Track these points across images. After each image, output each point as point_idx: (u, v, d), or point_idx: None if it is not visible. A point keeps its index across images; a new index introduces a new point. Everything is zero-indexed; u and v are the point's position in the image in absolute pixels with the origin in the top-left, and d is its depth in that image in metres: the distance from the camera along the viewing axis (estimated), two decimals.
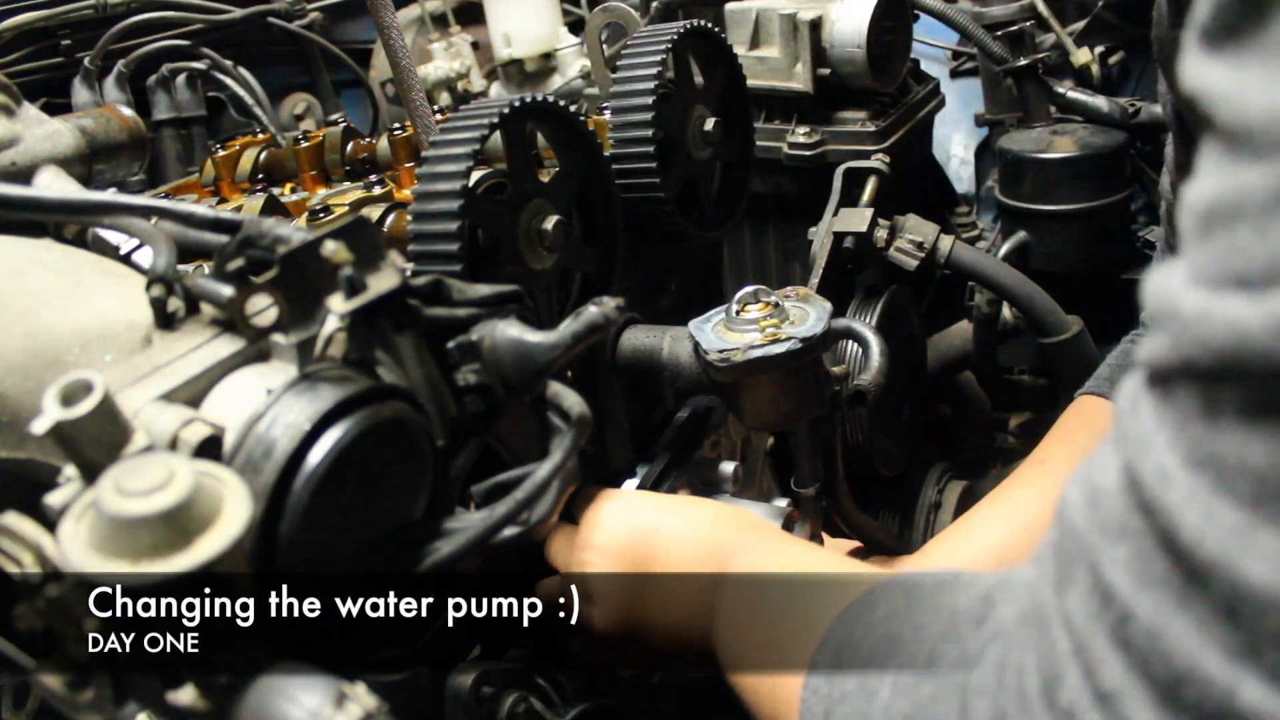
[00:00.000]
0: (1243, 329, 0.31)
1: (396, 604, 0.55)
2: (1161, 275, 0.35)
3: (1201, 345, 0.32)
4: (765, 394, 0.76)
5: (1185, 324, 0.33)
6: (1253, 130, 0.31)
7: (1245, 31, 0.32)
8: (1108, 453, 0.38)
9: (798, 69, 1.25)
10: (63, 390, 0.42)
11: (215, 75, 1.50)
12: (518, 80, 1.87)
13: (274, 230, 0.52)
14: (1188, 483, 0.33)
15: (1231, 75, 0.33)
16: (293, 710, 0.40)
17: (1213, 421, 0.32)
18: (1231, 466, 0.32)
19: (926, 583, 0.52)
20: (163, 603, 0.40)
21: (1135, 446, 0.35)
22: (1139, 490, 0.34)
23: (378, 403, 0.49)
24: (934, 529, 1.16)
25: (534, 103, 0.77)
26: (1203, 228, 0.33)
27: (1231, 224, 0.32)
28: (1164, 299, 0.34)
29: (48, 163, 0.91)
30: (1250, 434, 0.31)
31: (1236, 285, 0.31)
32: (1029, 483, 0.89)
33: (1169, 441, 0.34)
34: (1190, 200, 0.34)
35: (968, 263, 1.14)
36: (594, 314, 0.56)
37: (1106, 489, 0.36)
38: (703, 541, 0.69)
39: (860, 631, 0.51)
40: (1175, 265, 0.35)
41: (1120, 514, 0.35)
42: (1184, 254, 0.34)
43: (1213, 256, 0.32)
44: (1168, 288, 0.34)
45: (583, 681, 0.80)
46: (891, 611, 0.51)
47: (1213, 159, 0.34)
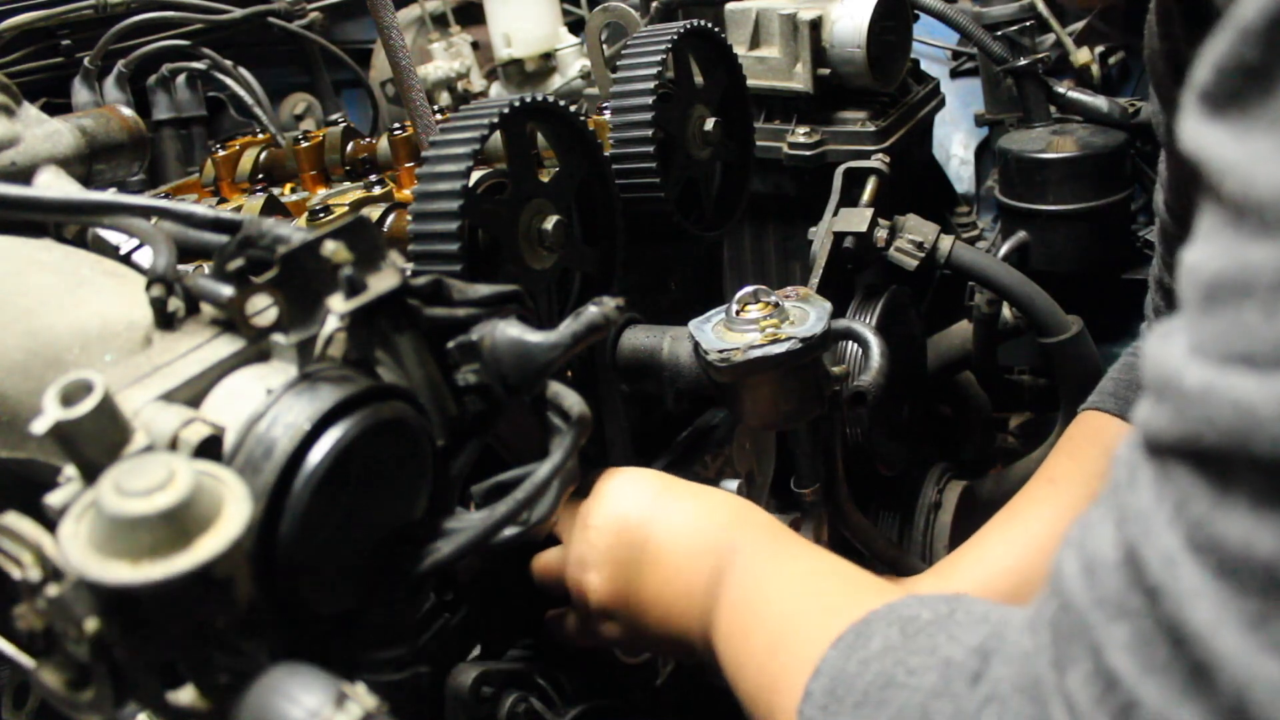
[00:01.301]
0: (1250, 409, 0.30)
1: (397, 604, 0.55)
2: (1160, 342, 0.34)
3: (1207, 423, 0.31)
4: (765, 394, 0.76)
5: (1189, 400, 0.32)
6: (1262, 206, 0.30)
7: (1251, 100, 0.31)
8: (1103, 519, 0.37)
9: (798, 69, 1.25)
10: (63, 390, 0.42)
11: (215, 75, 1.50)
12: (518, 80, 1.87)
13: (274, 230, 0.52)
14: (1194, 570, 0.32)
15: (1237, 145, 0.32)
16: (293, 710, 0.40)
17: (1217, 504, 0.32)
18: (1236, 554, 0.31)
19: (923, 615, 0.51)
20: (163, 603, 0.40)
21: (1136, 524, 0.34)
22: (1141, 572, 0.34)
23: (378, 403, 0.49)
24: (934, 529, 1.16)
25: (534, 103, 0.77)
26: (1206, 300, 0.32)
27: (1238, 301, 0.31)
28: (1165, 369, 0.34)
29: (48, 163, 0.91)
30: (1257, 521, 0.30)
31: (1243, 364, 0.31)
32: (1040, 501, 0.89)
33: (1170, 520, 0.33)
34: (1191, 267, 0.33)
35: (968, 263, 1.14)
36: (594, 314, 0.56)
37: (1104, 561, 0.36)
38: (703, 535, 0.69)
39: (855, 666, 0.50)
40: (1174, 332, 0.34)
41: (1120, 591, 0.35)
42: (1185, 322, 0.34)
43: (1217, 332, 0.32)
44: (1168, 357, 0.33)
45: (583, 681, 0.81)
46: (887, 646, 0.50)
47: (1216, 228, 0.33)
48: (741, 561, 0.66)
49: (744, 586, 0.64)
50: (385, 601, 0.54)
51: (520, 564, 0.79)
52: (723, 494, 0.74)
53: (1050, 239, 1.40)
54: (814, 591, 0.61)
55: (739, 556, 0.66)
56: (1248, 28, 0.31)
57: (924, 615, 0.51)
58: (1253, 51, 0.31)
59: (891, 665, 0.49)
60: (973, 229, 1.51)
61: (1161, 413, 0.34)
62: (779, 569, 0.64)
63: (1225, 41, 0.32)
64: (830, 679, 0.51)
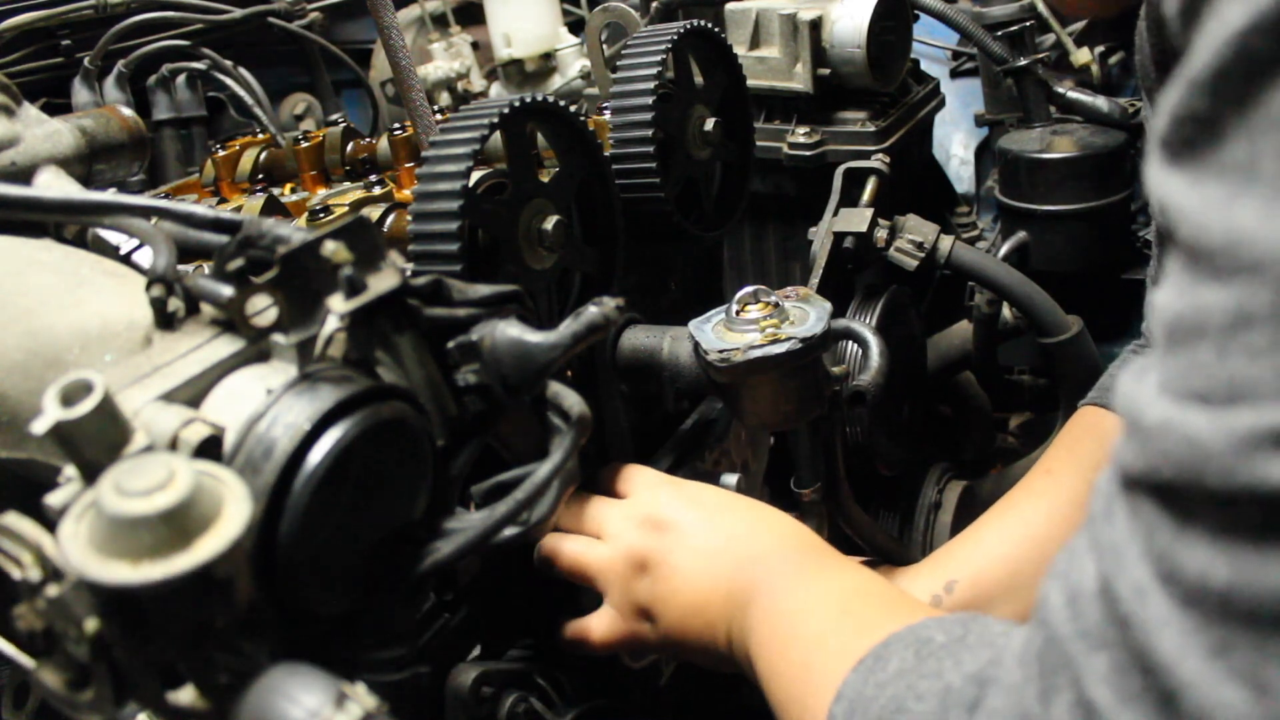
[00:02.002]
0: (1201, 444, 0.32)
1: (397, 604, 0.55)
2: (1134, 380, 0.36)
3: (1164, 457, 0.33)
4: (765, 394, 0.76)
5: (1149, 435, 0.34)
6: (1213, 252, 0.32)
7: (1203, 148, 0.33)
8: (1084, 551, 0.38)
9: (798, 69, 1.25)
10: (63, 390, 0.42)
11: (215, 75, 1.50)
12: (518, 80, 1.87)
13: (274, 230, 0.52)
14: (1161, 600, 0.33)
15: (1191, 192, 0.33)
16: (293, 710, 0.40)
17: (1178, 537, 0.33)
18: (1195, 585, 0.32)
19: (938, 639, 0.53)
20: (163, 603, 0.40)
21: (1110, 556, 0.36)
22: (1115, 604, 0.35)
23: (378, 403, 0.49)
24: (934, 529, 1.16)
25: (534, 103, 0.77)
26: (1168, 339, 0.34)
27: (1193, 341, 0.33)
28: (1133, 406, 0.35)
29: (48, 163, 0.91)
30: (1213, 553, 0.32)
31: (1198, 401, 0.32)
32: (1037, 493, 0.89)
33: (1141, 553, 0.34)
34: (1158, 308, 0.35)
35: (968, 263, 1.14)
36: (594, 314, 0.56)
37: (1084, 593, 0.37)
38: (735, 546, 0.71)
39: (872, 689, 0.53)
40: (1147, 370, 0.35)
41: (1098, 623, 0.36)
42: (1155, 360, 0.35)
43: (1177, 370, 0.33)
44: (1138, 395, 0.35)
45: (583, 681, 0.81)
46: (901, 670, 0.52)
47: (1177, 271, 0.34)
48: (775, 576, 0.67)
49: (776, 606, 0.66)
50: (385, 601, 0.54)
51: (520, 564, 0.79)
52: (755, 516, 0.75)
53: (1050, 239, 1.40)
54: (846, 611, 0.63)
55: (768, 574, 0.68)
56: (1196, 79, 0.32)
57: (938, 638, 0.53)
58: (1201, 102, 0.32)
59: (904, 690, 0.51)
60: (973, 229, 1.51)
61: (1130, 448, 0.35)
62: (812, 588, 0.66)
63: (1177, 92, 0.33)
64: (850, 702, 0.53)
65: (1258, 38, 0.31)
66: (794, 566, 0.68)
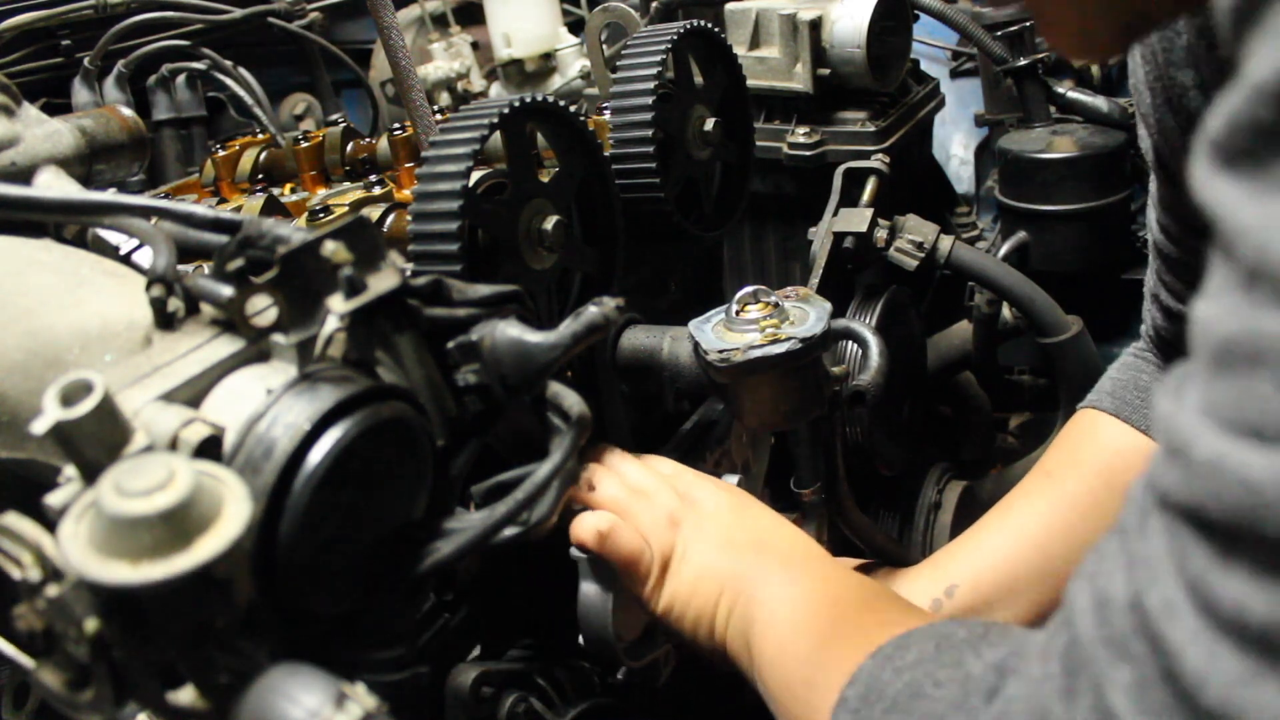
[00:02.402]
0: (1259, 489, 0.30)
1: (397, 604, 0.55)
2: (1172, 397, 0.34)
3: (1215, 498, 0.31)
4: (765, 394, 0.76)
5: (1197, 469, 0.32)
6: (1277, 275, 0.30)
7: (1268, 160, 0.31)
8: (1114, 557, 0.38)
9: (798, 69, 1.25)
10: (63, 390, 0.42)
11: (215, 75, 1.50)
12: (518, 80, 1.87)
13: (274, 230, 0.52)
14: (1192, 621, 0.32)
15: (1253, 207, 0.31)
16: (293, 710, 0.40)
17: (1216, 566, 0.32)
18: (1230, 613, 0.31)
19: (959, 634, 0.53)
20: (163, 603, 0.40)
21: (1143, 571, 0.35)
22: (1145, 618, 0.35)
23: (378, 403, 0.49)
24: (934, 529, 1.16)
25: (534, 103, 0.77)
26: (1217, 362, 0.32)
27: (1250, 369, 0.31)
28: (1177, 431, 0.33)
29: (48, 163, 0.91)
30: (1253, 588, 0.31)
31: (1253, 437, 0.30)
32: (1035, 495, 0.89)
33: (1175, 572, 0.34)
34: (1203, 322, 0.33)
35: (968, 263, 1.14)
36: (594, 314, 0.56)
37: (1113, 601, 0.37)
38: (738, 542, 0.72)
39: (889, 674, 0.53)
40: (1186, 387, 0.34)
41: (1125, 634, 0.36)
42: (1195, 377, 0.33)
43: (1228, 398, 0.31)
44: (1180, 417, 0.33)
45: (583, 681, 0.81)
46: (921, 658, 0.53)
47: (1229, 287, 0.32)
48: (783, 572, 0.68)
49: (788, 593, 0.66)
50: (385, 601, 0.54)
51: (520, 564, 0.79)
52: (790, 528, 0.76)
53: (1050, 239, 1.40)
54: (863, 607, 0.64)
55: (779, 568, 0.69)
56: (1263, 87, 0.30)
57: (960, 634, 0.53)
58: (1268, 112, 0.30)
59: (922, 676, 0.51)
60: (973, 229, 1.51)
61: (1172, 474, 0.34)
62: (829, 585, 0.67)
63: (1239, 97, 0.31)
64: (865, 686, 0.54)
65: None
66: (810, 565, 0.69)
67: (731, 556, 0.71)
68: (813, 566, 0.70)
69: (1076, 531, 0.85)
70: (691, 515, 0.74)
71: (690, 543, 0.72)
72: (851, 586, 0.68)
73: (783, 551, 0.71)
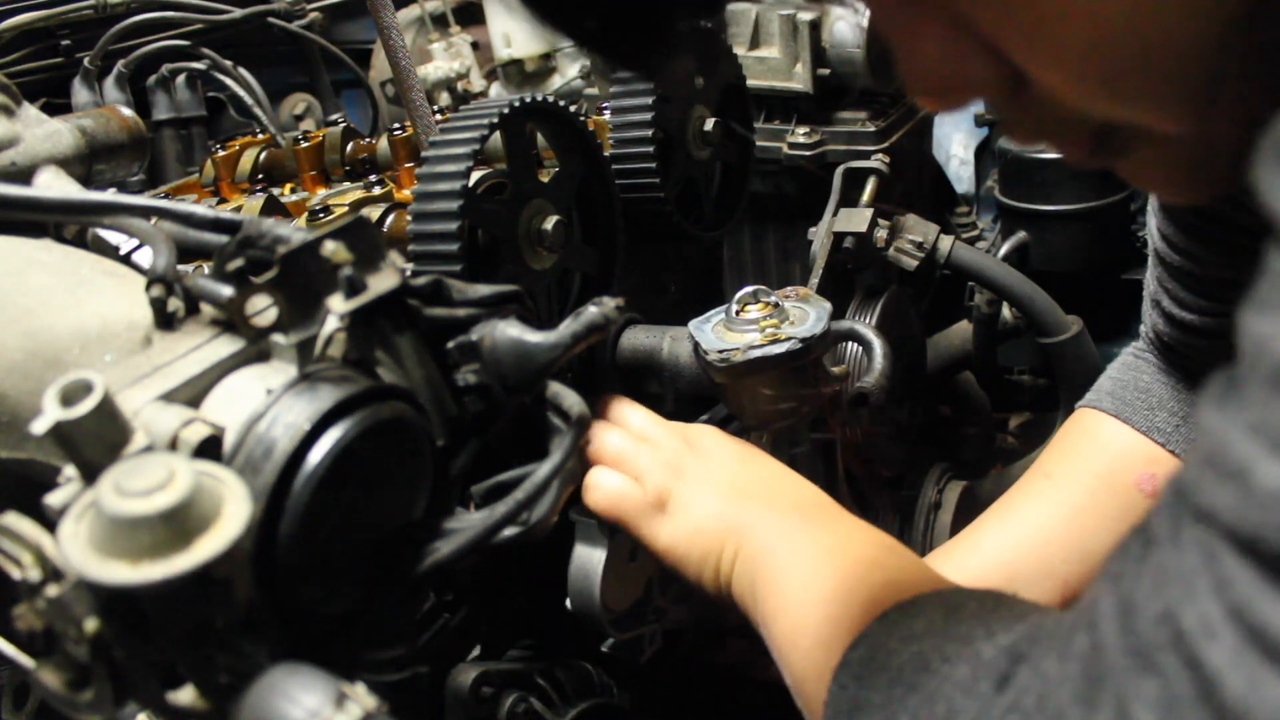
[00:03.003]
0: None
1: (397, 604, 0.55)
2: (1219, 410, 0.32)
3: (1276, 531, 0.30)
4: (765, 394, 0.76)
5: (1257, 498, 0.30)
6: None
7: None
8: (1140, 562, 0.36)
9: (798, 69, 1.25)
10: (63, 390, 0.42)
11: (215, 75, 1.50)
12: (518, 80, 1.87)
13: (274, 230, 0.52)
14: (1234, 644, 0.31)
15: None
16: (293, 710, 0.40)
17: (1264, 594, 0.30)
18: (1277, 639, 0.30)
19: (970, 605, 0.52)
20: (163, 603, 0.40)
21: (1177, 587, 0.33)
22: (1178, 635, 0.33)
23: (378, 403, 0.49)
24: (934, 529, 1.16)
25: (534, 103, 0.77)
26: (1277, 382, 0.30)
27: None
28: (1227, 448, 0.32)
29: (48, 163, 0.91)
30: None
31: None
32: (1034, 495, 0.89)
33: (1214, 589, 0.32)
34: (1259, 338, 0.31)
35: (968, 263, 1.14)
36: (594, 314, 0.56)
37: (1142, 611, 0.35)
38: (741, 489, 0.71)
39: (895, 642, 0.51)
40: (1236, 401, 0.32)
41: (1153, 647, 0.34)
42: (1249, 392, 0.31)
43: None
44: (1228, 430, 0.32)
45: (583, 681, 0.81)
46: (929, 628, 0.51)
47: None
48: (792, 521, 0.67)
49: (797, 545, 0.65)
50: (385, 601, 0.54)
51: (520, 564, 0.79)
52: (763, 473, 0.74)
53: (1050, 239, 1.40)
54: (871, 563, 0.62)
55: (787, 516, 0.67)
56: None
57: (970, 605, 0.52)
58: None
59: (930, 649, 0.49)
60: (973, 229, 1.51)
61: (1223, 495, 0.32)
62: (839, 535, 0.66)
63: None
64: (869, 649, 0.52)
65: None
66: (819, 515, 0.68)
67: (737, 504, 0.69)
68: (822, 517, 0.68)
69: (1075, 533, 0.85)
70: (696, 462, 0.72)
71: (693, 486, 0.71)
72: (859, 541, 0.66)
73: (792, 501, 0.70)
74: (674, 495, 0.71)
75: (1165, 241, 0.82)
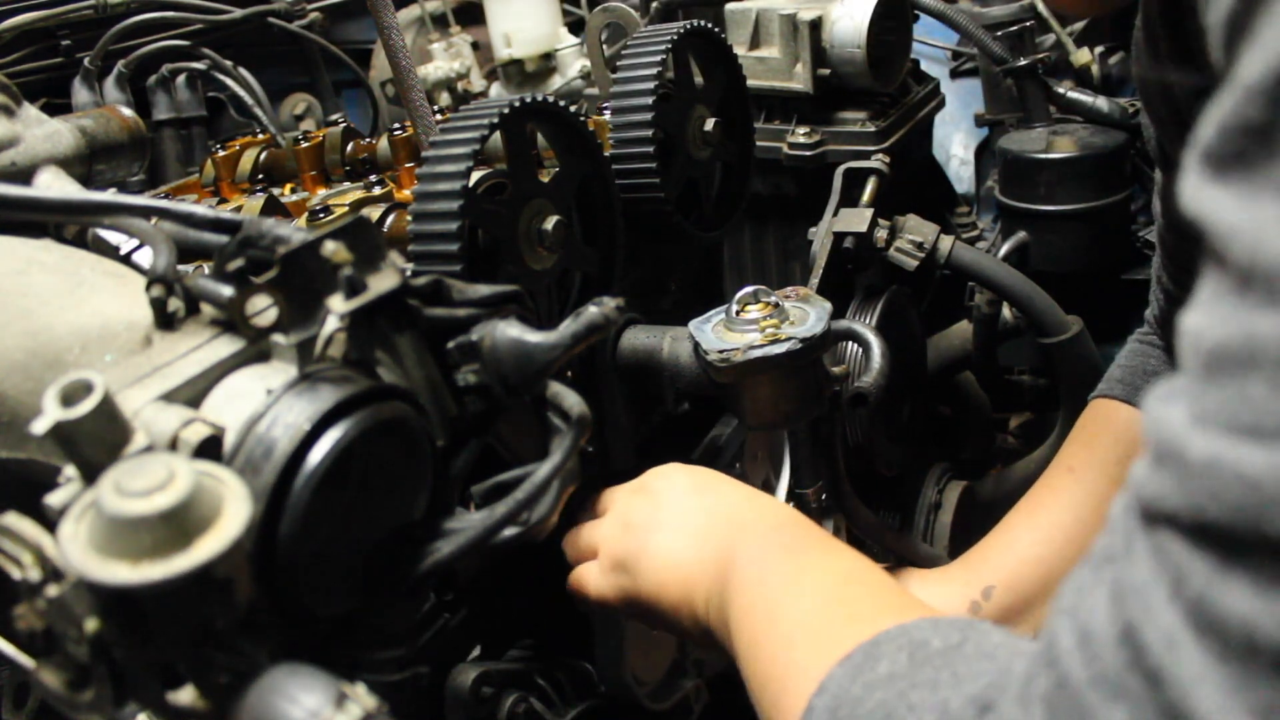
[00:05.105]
0: (1258, 485, 0.29)
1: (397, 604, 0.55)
2: (1161, 405, 0.33)
3: (1212, 498, 0.30)
4: (765, 394, 0.76)
5: (1193, 471, 0.31)
6: (1270, 274, 0.29)
7: (1256, 161, 0.30)
8: (1096, 586, 0.36)
9: (798, 69, 1.25)
10: (63, 390, 0.42)
11: (215, 75, 1.50)
12: (518, 80, 1.87)
13: (274, 230, 0.52)
14: (1196, 653, 0.31)
15: (1243, 209, 0.30)
16: (293, 710, 0.40)
17: (1217, 581, 0.31)
18: (1238, 637, 0.30)
19: (934, 643, 0.50)
20: (163, 603, 0.40)
21: (1134, 600, 0.33)
22: (1141, 653, 0.32)
23: (378, 403, 0.49)
24: (934, 529, 1.16)
25: (534, 103, 0.77)
26: (1209, 368, 0.31)
27: (1243, 372, 0.30)
28: (1168, 437, 0.32)
29: (48, 163, 0.91)
30: (1262, 602, 0.29)
31: (1250, 437, 0.30)
32: (1061, 490, 0.90)
33: (1169, 597, 0.32)
34: (1193, 333, 0.32)
35: (968, 263, 1.14)
36: (594, 314, 0.56)
37: (1100, 636, 0.34)
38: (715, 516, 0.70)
39: (859, 689, 0.50)
40: (1175, 397, 0.33)
41: (1119, 671, 0.33)
42: (1186, 387, 0.32)
43: (1221, 402, 0.31)
44: (1170, 424, 0.32)
45: (583, 681, 0.81)
46: (893, 673, 0.49)
47: (1219, 295, 0.31)
48: (764, 549, 0.66)
49: (762, 578, 0.64)
50: (385, 601, 0.54)
51: (520, 564, 0.79)
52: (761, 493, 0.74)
53: (1050, 239, 1.40)
54: (836, 597, 0.60)
55: (754, 546, 0.66)
56: (1252, 86, 0.30)
57: (934, 643, 0.50)
58: (1257, 111, 0.30)
59: (894, 697, 0.48)
60: (973, 229, 1.51)
61: (1163, 481, 0.33)
62: (803, 565, 0.64)
63: (1230, 100, 0.31)
64: (834, 698, 0.51)
65: None
66: (784, 543, 0.66)
67: (698, 541, 0.68)
68: (783, 543, 0.66)
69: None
70: (650, 510, 0.72)
71: (651, 535, 0.71)
72: (825, 568, 0.64)
73: (754, 528, 0.68)
74: (630, 552, 0.71)
75: (1168, 227, 0.83)
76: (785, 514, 0.70)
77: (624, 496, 0.76)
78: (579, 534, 0.77)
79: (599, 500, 0.79)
